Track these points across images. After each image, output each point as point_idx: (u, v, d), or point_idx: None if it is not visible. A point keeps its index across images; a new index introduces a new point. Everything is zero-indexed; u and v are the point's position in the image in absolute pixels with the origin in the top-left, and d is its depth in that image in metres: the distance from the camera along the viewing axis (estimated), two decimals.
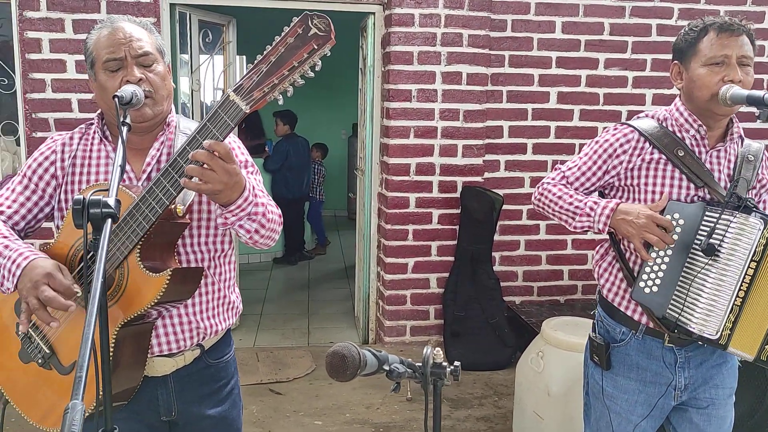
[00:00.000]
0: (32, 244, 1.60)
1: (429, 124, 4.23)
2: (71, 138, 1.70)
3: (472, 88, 4.23)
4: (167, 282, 1.48)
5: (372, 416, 3.51)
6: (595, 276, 1.99)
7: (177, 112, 1.77)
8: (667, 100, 2.00)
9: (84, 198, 1.28)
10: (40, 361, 1.59)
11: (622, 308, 1.88)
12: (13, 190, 1.68)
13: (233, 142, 1.72)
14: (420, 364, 1.37)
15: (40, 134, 3.97)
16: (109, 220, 1.29)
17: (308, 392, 3.76)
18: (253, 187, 1.54)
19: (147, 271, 1.49)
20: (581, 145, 4.42)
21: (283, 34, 1.41)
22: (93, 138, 1.68)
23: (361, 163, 4.78)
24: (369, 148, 4.47)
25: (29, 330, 1.60)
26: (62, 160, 1.66)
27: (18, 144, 4.10)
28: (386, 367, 1.23)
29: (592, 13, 4.37)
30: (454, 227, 4.32)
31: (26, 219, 1.67)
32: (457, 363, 1.42)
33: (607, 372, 1.92)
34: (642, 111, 1.98)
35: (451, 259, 4.34)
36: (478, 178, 4.32)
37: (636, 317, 1.85)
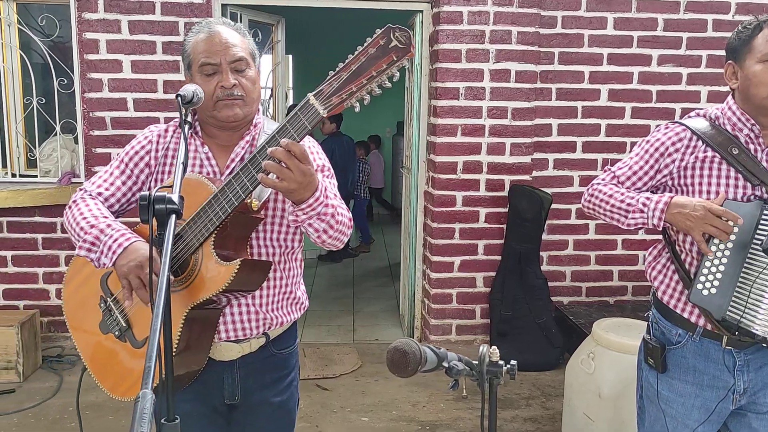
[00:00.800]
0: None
1: (477, 122, 4.20)
2: (166, 131, 1.80)
3: (520, 86, 4.19)
4: (236, 271, 1.54)
5: (418, 414, 3.52)
6: (649, 278, 1.95)
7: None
8: (722, 98, 1.95)
9: (150, 194, 1.33)
10: (116, 333, 1.70)
11: (678, 310, 1.84)
12: (111, 174, 1.78)
13: (312, 146, 1.78)
14: (476, 362, 1.37)
15: (97, 132, 4.09)
16: (173, 216, 1.34)
17: (355, 389, 3.78)
18: (326, 189, 1.59)
19: (219, 260, 1.56)
20: (632, 144, 4.36)
21: (365, 44, 1.45)
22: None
23: (407, 162, 4.79)
24: (416, 146, 4.47)
25: (111, 303, 1.71)
26: (156, 151, 1.77)
27: (76, 142, 4.23)
28: (445, 364, 1.24)
29: (646, 9, 4.28)
30: (501, 226, 4.29)
31: (120, 202, 1.77)
32: (513, 362, 1.42)
33: (663, 375, 1.88)
34: (696, 109, 1.93)
35: (498, 258, 4.31)
36: (527, 177, 4.27)
37: (693, 319, 1.81)
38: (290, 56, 7.31)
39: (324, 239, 1.61)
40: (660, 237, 1.92)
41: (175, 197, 1.34)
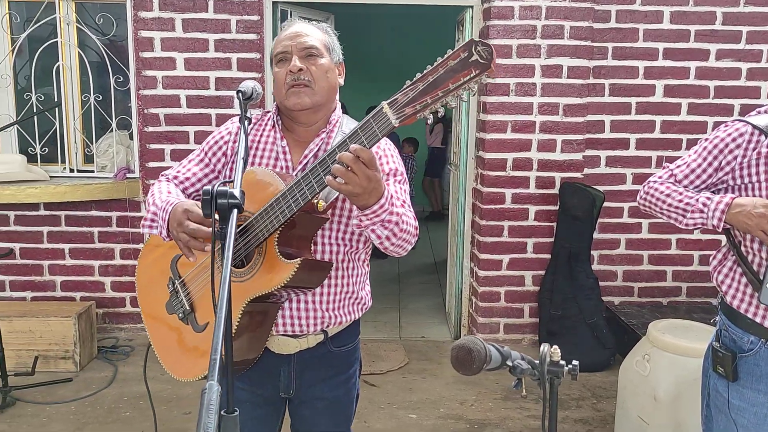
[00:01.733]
0: None
1: (527, 119, 4.14)
2: (249, 122, 1.81)
3: (572, 82, 4.12)
4: (296, 269, 1.56)
5: (466, 412, 3.49)
6: (716, 282, 1.88)
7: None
8: None
9: (212, 188, 1.34)
10: (180, 315, 1.75)
11: (749, 315, 1.77)
12: (191, 161, 1.85)
13: (387, 149, 1.78)
14: (537, 361, 1.35)
15: (151, 129, 4.18)
16: (235, 211, 1.35)
17: (402, 385, 3.78)
18: (392, 196, 1.58)
19: (281, 256, 1.58)
20: (689, 141, 4.25)
21: (445, 56, 1.43)
22: (266, 125, 1.81)
23: (455, 158, 4.76)
24: (464, 142, 4.43)
25: (178, 285, 1.76)
26: (234, 142, 1.81)
27: (131, 138, 4.33)
28: (509, 363, 1.22)
29: (704, 2, 4.16)
30: (551, 224, 4.23)
31: (195, 186, 1.83)
32: (575, 362, 1.39)
33: (733, 384, 1.80)
34: (757, 105, 1.87)
35: (548, 256, 4.25)
36: (578, 174, 4.20)
37: (766, 324, 1.74)
38: None
39: (386, 246, 1.61)
40: (721, 238, 1.85)
41: (236, 192, 1.36)
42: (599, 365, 3.97)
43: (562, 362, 1.36)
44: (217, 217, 1.36)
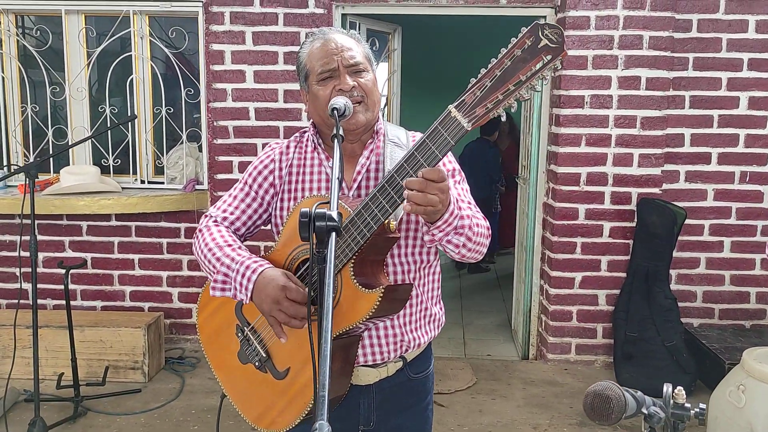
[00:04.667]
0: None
1: (602, 132, 4.00)
2: (287, 147, 1.74)
3: (651, 94, 3.96)
4: (380, 299, 1.46)
5: None
6: None
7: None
8: None
9: (310, 211, 1.28)
10: (256, 363, 1.65)
11: None
12: (234, 197, 1.74)
13: None
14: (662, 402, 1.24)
15: (220, 141, 4.19)
16: (334, 234, 1.29)
17: (471, 406, 3.67)
18: (457, 200, 1.48)
19: (360, 287, 1.48)
20: None
21: (509, 45, 1.34)
22: (306, 146, 1.72)
23: (524, 172, 4.63)
24: (534, 156, 4.30)
25: (248, 333, 1.66)
26: (280, 169, 1.71)
27: (200, 150, 4.36)
28: (644, 411, 1.11)
29: None
30: (626, 241, 4.06)
31: (246, 225, 1.74)
32: (702, 405, 1.27)
33: None
34: None
35: (623, 275, 4.08)
36: (656, 190, 4.02)
37: None
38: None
39: (464, 254, 1.52)
40: None
41: (334, 214, 1.29)
42: None
43: (687, 405, 1.25)
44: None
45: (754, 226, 4.13)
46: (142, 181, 4.37)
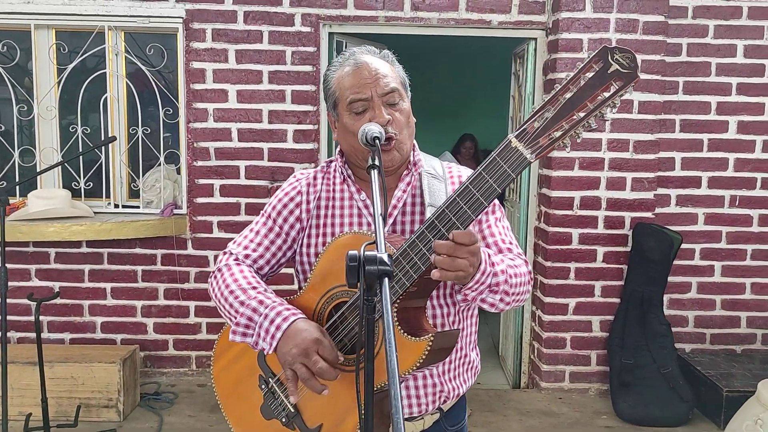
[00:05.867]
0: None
1: (595, 155, 3.94)
2: (314, 178, 1.59)
3: (643, 117, 3.92)
4: (428, 348, 1.32)
5: None
6: None
7: None
8: None
9: (359, 254, 1.13)
10: (284, 420, 1.49)
11: None
12: (257, 233, 1.58)
13: (464, 174, 1.59)
14: None
15: (200, 163, 3.99)
16: (386, 279, 1.14)
17: None
18: (489, 256, 1.37)
19: (404, 334, 1.33)
20: (764, 180, 4.04)
21: (576, 71, 1.23)
22: (335, 178, 1.58)
23: (512, 195, 4.55)
24: (525, 179, 4.22)
25: (273, 385, 1.49)
26: (307, 202, 1.56)
27: (178, 173, 4.14)
28: None
29: None
30: (620, 266, 3.99)
31: (270, 263, 1.58)
32: None
33: None
34: None
35: (617, 300, 4.01)
36: (649, 214, 3.98)
37: None
38: None
39: (502, 308, 1.42)
40: None
41: (385, 257, 1.14)
42: (677, 420, 3.70)
43: None
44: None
45: (744, 250, 4.12)
46: (116, 205, 4.12)
